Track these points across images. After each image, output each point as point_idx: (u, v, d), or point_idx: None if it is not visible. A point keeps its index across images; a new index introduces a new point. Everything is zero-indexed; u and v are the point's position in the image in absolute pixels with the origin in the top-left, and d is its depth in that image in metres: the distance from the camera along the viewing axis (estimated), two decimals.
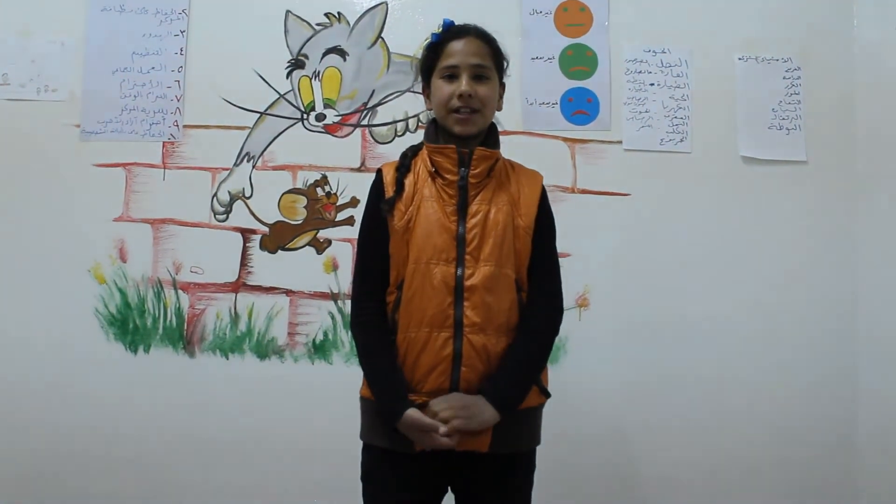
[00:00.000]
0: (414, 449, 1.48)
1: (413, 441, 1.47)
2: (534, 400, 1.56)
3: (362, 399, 1.59)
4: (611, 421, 2.39)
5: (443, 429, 1.43)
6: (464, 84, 1.52)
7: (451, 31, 1.59)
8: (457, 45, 1.55)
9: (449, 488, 1.59)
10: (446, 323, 1.48)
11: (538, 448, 1.61)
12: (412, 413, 1.45)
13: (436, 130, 1.60)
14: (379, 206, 1.56)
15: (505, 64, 1.63)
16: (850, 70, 2.46)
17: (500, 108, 1.64)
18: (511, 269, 1.52)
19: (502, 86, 1.64)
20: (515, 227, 1.54)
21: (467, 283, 1.49)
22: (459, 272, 1.49)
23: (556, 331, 1.59)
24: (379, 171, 1.61)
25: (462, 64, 1.54)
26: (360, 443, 1.60)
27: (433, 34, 1.61)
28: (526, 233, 1.55)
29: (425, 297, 1.49)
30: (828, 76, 2.46)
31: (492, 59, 1.58)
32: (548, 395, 1.59)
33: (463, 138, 1.55)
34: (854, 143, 2.44)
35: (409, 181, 1.56)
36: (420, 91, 1.69)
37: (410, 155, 1.61)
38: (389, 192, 1.56)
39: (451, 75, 1.55)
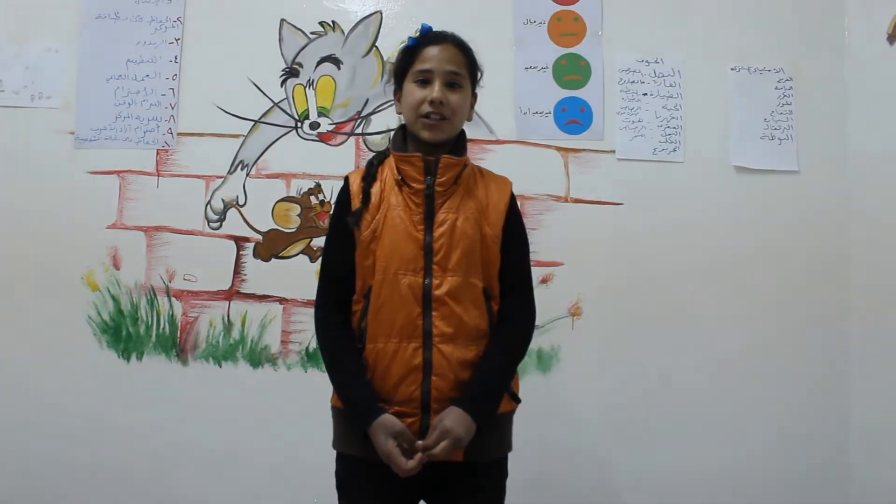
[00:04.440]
0: None
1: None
2: (504, 406, 1.56)
3: (333, 408, 1.61)
4: (603, 430, 2.39)
5: (412, 469, 1.43)
6: (436, 90, 1.51)
7: (427, 37, 1.57)
8: (432, 51, 1.54)
9: (422, 498, 1.59)
10: (415, 333, 1.48)
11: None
12: (389, 417, 1.45)
13: (404, 137, 1.60)
14: (344, 217, 1.55)
15: (479, 74, 1.63)
16: (842, 81, 2.48)
17: (469, 119, 1.63)
18: (478, 278, 1.52)
19: (474, 96, 1.63)
20: (483, 235, 1.54)
21: (435, 293, 1.49)
22: (427, 282, 1.49)
23: (528, 339, 1.60)
24: (346, 179, 1.61)
25: (436, 70, 1.53)
26: None
27: (410, 38, 1.59)
28: (494, 242, 1.55)
29: (393, 308, 1.49)
30: (819, 87, 2.48)
31: (466, 69, 1.57)
32: (518, 401, 1.60)
33: (430, 145, 1.54)
34: (845, 153, 2.46)
35: (375, 190, 1.55)
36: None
37: (376, 163, 1.60)
38: (356, 202, 1.55)
39: (424, 80, 1.53)
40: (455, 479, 1.51)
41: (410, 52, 1.57)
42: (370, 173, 1.58)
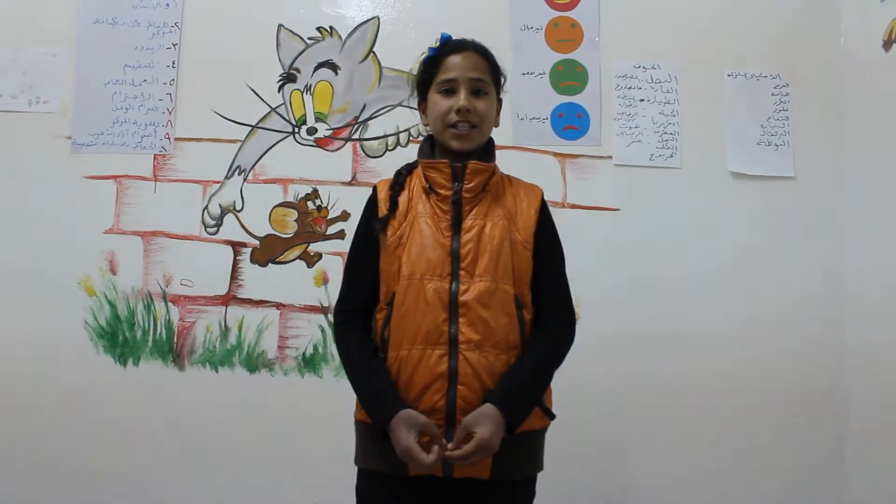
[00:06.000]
0: (409, 472, 1.44)
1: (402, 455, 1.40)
2: (537, 422, 1.51)
3: (357, 422, 1.55)
4: (602, 436, 2.39)
5: (433, 462, 1.37)
6: (462, 98, 1.50)
7: (448, 46, 1.56)
8: (455, 59, 1.53)
9: None
10: (440, 340, 1.43)
11: None
12: (411, 411, 1.40)
13: (431, 147, 1.58)
14: (371, 223, 1.54)
15: (502, 80, 1.61)
16: (838, 87, 2.48)
17: (497, 125, 1.61)
18: (509, 284, 1.48)
19: (499, 101, 1.61)
20: (513, 241, 1.50)
21: (462, 298, 1.45)
22: (454, 287, 1.45)
23: (567, 344, 1.55)
24: (374, 188, 1.59)
25: (460, 78, 1.51)
26: (350, 455, 1.56)
27: (430, 48, 1.58)
28: (524, 248, 1.52)
29: (419, 313, 1.45)
30: (815, 93, 2.48)
31: (490, 75, 1.56)
32: (552, 417, 1.54)
33: (459, 154, 1.52)
34: (841, 159, 2.46)
35: (403, 198, 1.53)
36: (412, 106, 1.66)
37: (405, 173, 1.58)
38: (383, 209, 1.53)
39: (449, 89, 1.52)
40: (480, 497, 1.45)
41: (432, 62, 1.56)
42: (398, 182, 1.56)
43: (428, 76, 1.57)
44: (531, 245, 1.53)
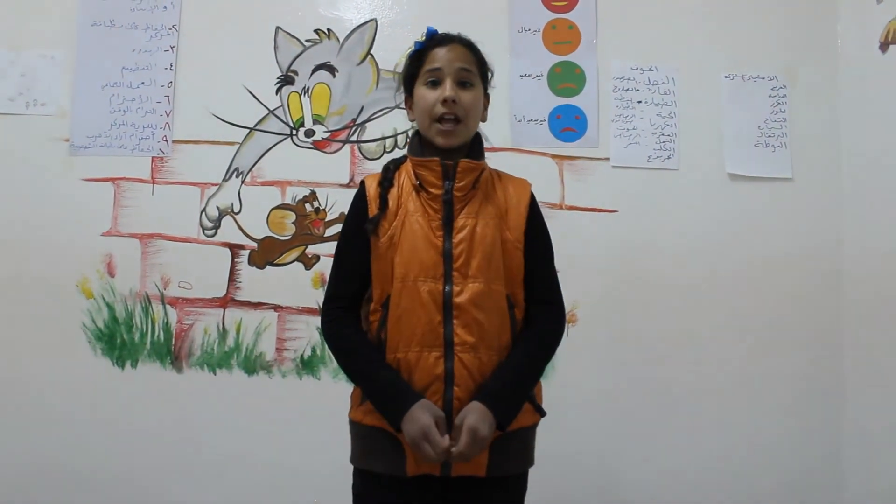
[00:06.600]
0: (407, 473, 1.45)
1: (410, 447, 1.41)
2: (528, 419, 1.51)
3: (352, 423, 1.55)
4: (599, 437, 2.39)
5: (448, 447, 1.37)
6: (448, 89, 1.49)
7: (434, 39, 1.55)
8: (440, 52, 1.52)
9: None
10: (437, 342, 1.43)
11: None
12: (429, 402, 1.40)
13: (420, 142, 1.56)
14: (360, 221, 1.52)
15: (490, 74, 1.60)
16: (835, 89, 2.49)
17: (484, 120, 1.60)
18: (501, 284, 1.48)
19: (487, 97, 1.60)
20: (504, 240, 1.50)
21: (456, 300, 1.44)
22: (447, 289, 1.45)
23: (556, 340, 1.54)
24: (362, 184, 1.56)
25: (446, 68, 1.50)
26: (348, 457, 1.56)
27: (416, 42, 1.57)
28: (515, 247, 1.51)
29: (414, 316, 1.44)
30: (813, 94, 2.49)
31: (476, 67, 1.54)
32: (543, 414, 1.54)
33: (447, 150, 1.51)
34: (839, 160, 2.47)
35: (392, 195, 1.51)
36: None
37: (393, 168, 1.56)
38: (373, 207, 1.51)
39: (435, 81, 1.51)
40: (477, 494, 1.47)
41: (418, 56, 1.55)
42: (387, 178, 1.54)
43: (414, 70, 1.56)
44: (522, 244, 1.52)
